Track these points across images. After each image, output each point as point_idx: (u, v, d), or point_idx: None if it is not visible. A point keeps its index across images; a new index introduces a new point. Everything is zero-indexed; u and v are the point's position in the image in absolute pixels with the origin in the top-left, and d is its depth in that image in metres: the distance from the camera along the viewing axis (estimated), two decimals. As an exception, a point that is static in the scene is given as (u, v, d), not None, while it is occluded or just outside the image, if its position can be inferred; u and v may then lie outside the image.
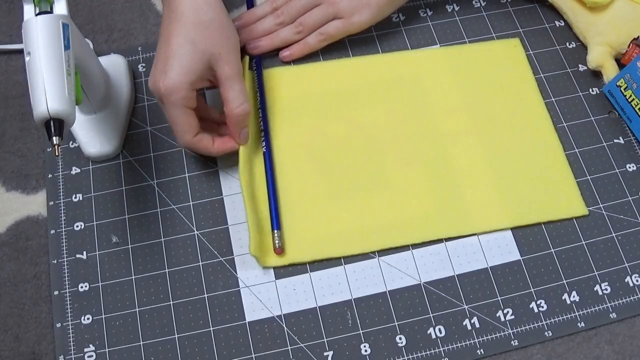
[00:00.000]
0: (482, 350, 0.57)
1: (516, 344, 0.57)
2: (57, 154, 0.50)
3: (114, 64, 0.68)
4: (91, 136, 0.64)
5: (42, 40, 0.51)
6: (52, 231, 0.62)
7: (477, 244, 0.61)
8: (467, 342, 0.57)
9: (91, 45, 0.69)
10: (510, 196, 0.62)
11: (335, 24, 0.67)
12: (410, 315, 0.58)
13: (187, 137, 0.59)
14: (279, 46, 0.69)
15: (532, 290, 0.59)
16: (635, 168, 0.65)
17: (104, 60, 0.67)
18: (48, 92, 0.50)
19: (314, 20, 0.68)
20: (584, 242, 0.61)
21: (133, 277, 0.60)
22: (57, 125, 0.50)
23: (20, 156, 0.66)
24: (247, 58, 0.67)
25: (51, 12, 0.53)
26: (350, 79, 0.68)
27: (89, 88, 0.61)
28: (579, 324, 0.58)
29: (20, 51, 0.72)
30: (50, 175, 0.65)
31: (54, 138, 0.50)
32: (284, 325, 0.58)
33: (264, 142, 0.64)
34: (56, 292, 0.60)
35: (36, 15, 0.52)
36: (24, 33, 0.52)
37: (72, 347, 0.57)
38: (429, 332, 0.58)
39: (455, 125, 0.66)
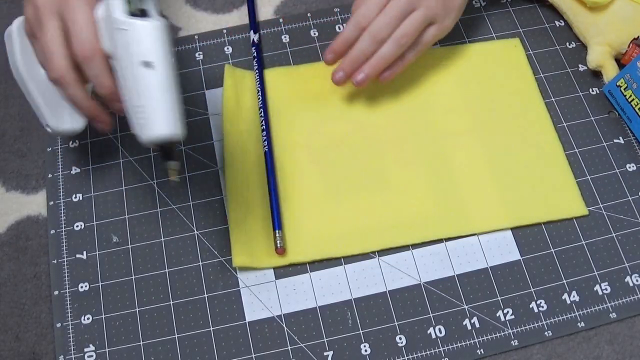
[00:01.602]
0: (482, 350, 0.57)
1: (516, 344, 0.57)
2: (173, 179, 0.49)
3: None
4: (57, 108, 0.57)
5: (164, 50, 0.47)
6: (52, 231, 0.62)
7: (477, 244, 0.61)
8: (467, 342, 0.57)
9: None
10: (510, 196, 0.62)
11: (432, 31, 0.63)
12: (410, 315, 0.58)
13: (96, 42, 0.49)
14: (383, 68, 0.63)
15: (532, 290, 0.59)
16: (635, 168, 0.65)
17: None
18: (170, 110, 0.47)
19: (415, 28, 0.61)
20: (584, 242, 0.61)
21: (133, 277, 0.60)
22: (170, 148, 0.48)
23: (20, 156, 0.66)
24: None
25: (145, 11, 0.48)
26: (350, 79, 0.68)
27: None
28: (579, 324, 0.58)
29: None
30: (50, 175, 0.65)
31: (172, 163, 0.48)
32: (284, 325, 0.58)
33: (264, 142, 0.64)
34: (56, 292, 0.60)
35: (130, 15, 0.47)
36: (136, 38, 0.46)
37: (72, 347, 0.57)
38: (429, 332, 0.58)
39: (455, 125, 0.66)
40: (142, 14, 0.47)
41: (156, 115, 0.46)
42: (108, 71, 0.50)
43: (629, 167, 0.65)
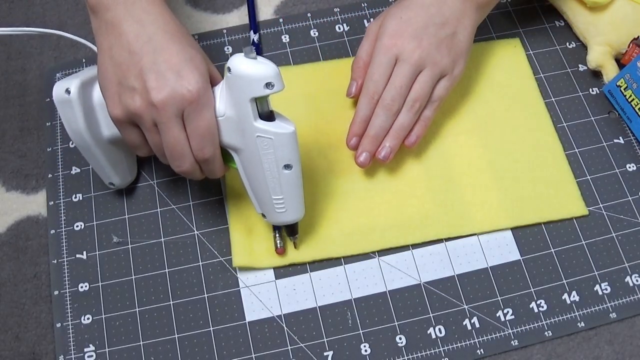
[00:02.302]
0: (482, 350, 0.57)
1: (516, 344, 0.57)
2: (296, 247, 0.60)
3: None
4: (117, 166, 0.62)
5: (297, 152, 0.53)
6: (52, 231, 0.62)
7: (477, 244, 0.61)
8: (467, 342, 0.57)
9: None
10: (510, 196, 0.62)
11: (443, 84, 0.62)
12: (410, 315, 0.58)
13: (217, 144, 0.53)
14: (404, 136, 0.62)
15: (532, 290, 0.59)
16: (635, 168, 0.65)
17: None
18: (302, 200, 0.57)
19: (426, 90, 0.61)
20: (584, 242, 0.61)
21: (133, 277, 0.60)
22: (295, 225, 0.59)
23: (20, 156, 0.66)
24: None
25: (269, 109, 0.52)
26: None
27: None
28: (579, 324, 0.58)
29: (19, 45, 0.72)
30: (50, 175, 0.65)
31: (297, 236, 0.59)
32: (284, 325, 0.58)
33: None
34: (56, 292, 0.60)
35: (260, 118, 0.51)
36: (283, 144, 0.52)
37: (72, 347, 0.57)
38: (429, 332, 0.58)
39: (456, 125, 0.66)
40: (269, 115, 0.52)
41: (292, 205, 0.56)
42: (222, 166, 0.55)
43: (629, 167, 0.65)
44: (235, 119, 0.51)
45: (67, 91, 0.55)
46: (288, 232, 0.59)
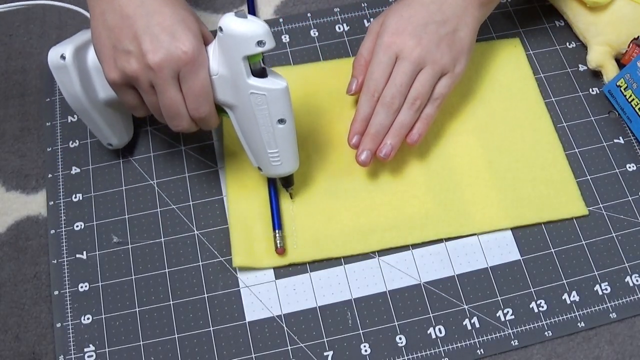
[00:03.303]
0: (482, 350, 0.57)
1: (516, 344, 0.57)
2: (292, 198, 0.62)
3: None
4: (114, 127, 0.63)
5: (290, 106, 0.54)
6: (52, 231, 0.62)
7: (477, 244, 0.61)
8: (467, 342, 0.57)
9: None
10: (510, 196, 0.62)
11: (444, 82, 0.61)
12: (410, 315, 0.58)
13: (212, 103, 0.54)
14: (406, 133, 0.61)
15: (532, 290, 0.59)
16: (635, 168, 0.65)
17: None
18: (296, 152, 0.58)
19: (427, 88, 0.60)
20: (584, 242, 0.61)
21: (133, 277, 0.60)
22: (290, 177, 0.60)
23: (20, 156, 0.66)
24: None
25: (263, 66, 0.53)
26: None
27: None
28: (579, 324, 0.58)
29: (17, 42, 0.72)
30: (50, 175, 0.65)
31: (292, 187, 0.61)
32: (284, 325, 0.58)
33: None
34: (56, 292, 0.60)
35: (253, 75, 0.52)
36: (273, 99, 0.53)
37: (72, 347, 0.57)
38: (429, 332, 0.58)
39: (456, 125, 0.66)
40: (262, 72, 0.52)
41: (287, 158, 0.57)
42: (217, 120, 0.55)
43: (629, 167, 0.65)
44: (229, 77, 0.52)
45: (62, 57, 0.56)
46: (284, 183, 0.61)
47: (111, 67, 0.52)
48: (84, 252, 0.61)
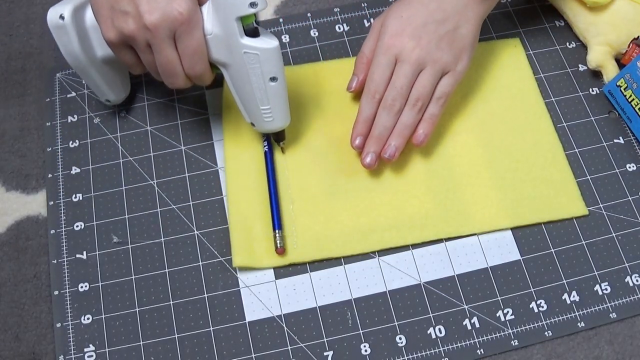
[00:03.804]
0: (482, 350, 0.57)
1: (516, 344, 0.57)
2: (284, 152, 0.64)
3: None
4: (113, 84, 0.65)
5: (282, 64, 0.56)
6: (52, 231, 0.62)
7: (477, 244, 0.61)
8: (467, 342, 0.57)
9: None
10: (510, 196, 0.62)
11: (446, 81, 0.61)
12: (410, 315, 0.58)
13: (206, 62, 0.55)
14: (410, 134, 0.62)
15: (532, 290, 0.59)
16: (635, 168, 0.65)
17: None
18: (287, 109, 0.60)
19: (428, 89, 0.60)
20: (584, 242, 0.61)
21: (133, 277, 0.60)
22: (282, 132, 0.63)
23: (20, 156, 0.66)
24: None
25: (257, 25, 0.54)
26: (351, 79, 0.68)
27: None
28: (579, 324, 0.58)
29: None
30: (50, 175, 0.65)
31: (284, 141, 0.63)
32: (284, 325, 0.58)
33: (265, 142, 0.64)
34: (56, 292, 0.60)
35: (246, 35, 0.54)
36: (268, 59, 0.55)
37: (72, 347, 0.57)
38: (429, 332, 0.58)
39: (456, 125, 0.66)
40: (254, 32, 0.54)
41: (279, 114, 0.60)
42: (211, 77, 0.57)
43: (629, 167, 0.65)
44: (223, 37, 0.54)
45: (61, 17, 0.58)
46: (275, 138, 0.64)
47: (109, 27, 0.53)
48: (84, 252, 0.61)
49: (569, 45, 0.71)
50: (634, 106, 0.64)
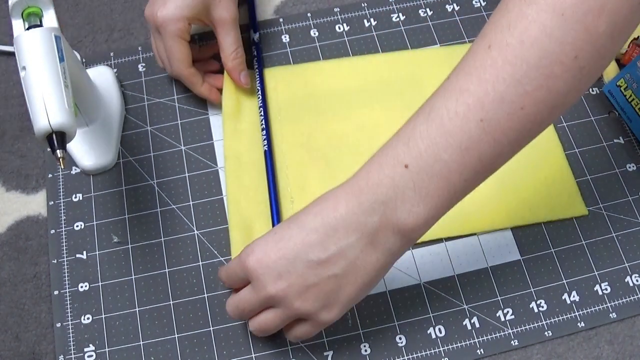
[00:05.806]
0: (482, 350, 0.57)
1: (516, 343, 0.57)
2: (63, 166, 0.49)
3: (102, 75, 0.67)
4: (86, 149, 0.64)
5: (36, 54, 0.50)
6: (52, 231, 0.62)
7: (477, 244, 0.61)
8: (467, 342, 0.57)
9: (78, 57, 0.69)
10: (510, 196, 0.62)
11: (302, 328, 0.51)
12: (410, 315, 0.58)
13: (182, 67, 0.63)
14: None
15: (532, 290, 0.59)
16: (635, 168, 0.65)
17: (91, 72, 0.67)
18: (48, 105, 0.48)
19: (272, 328, 0.52)
20: (584, 242, 0.61)
21: (133, 277, 0.60)
22: (60, 139, 0.49)
23: (20, 156, 0.66)
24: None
25: (41, 25, 0.52)
26: (350, 79, 0.68)
27: (80, 100, 0.60)
28: (579, 324, 0.58)
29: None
30: (50, 175, 0.65)
31: (58, 151, 0.49)
32: (284, 325, 0.58)
33: (264, 142, 0.64)
34: (56, 292, 0.60)
35: (26, 29, 0.52)
36: (16, 49, 0.51)
37: (72, 347, 0.57)
38: (429, 332, 0.58)
39: (455, 125, 0.66)
40: (40, 24, 0.52)
41: (37, 112, 0.49)
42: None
43: (629, 167, 0.65)
44: None
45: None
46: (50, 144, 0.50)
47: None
48: (84, 252, 0.61)
49: (569, 45, 0.71)
50: (634, 106, 0.64)
